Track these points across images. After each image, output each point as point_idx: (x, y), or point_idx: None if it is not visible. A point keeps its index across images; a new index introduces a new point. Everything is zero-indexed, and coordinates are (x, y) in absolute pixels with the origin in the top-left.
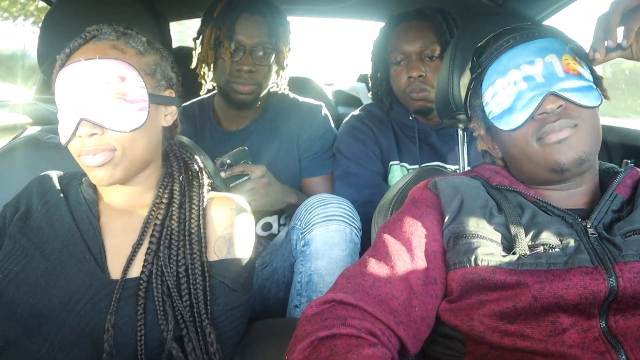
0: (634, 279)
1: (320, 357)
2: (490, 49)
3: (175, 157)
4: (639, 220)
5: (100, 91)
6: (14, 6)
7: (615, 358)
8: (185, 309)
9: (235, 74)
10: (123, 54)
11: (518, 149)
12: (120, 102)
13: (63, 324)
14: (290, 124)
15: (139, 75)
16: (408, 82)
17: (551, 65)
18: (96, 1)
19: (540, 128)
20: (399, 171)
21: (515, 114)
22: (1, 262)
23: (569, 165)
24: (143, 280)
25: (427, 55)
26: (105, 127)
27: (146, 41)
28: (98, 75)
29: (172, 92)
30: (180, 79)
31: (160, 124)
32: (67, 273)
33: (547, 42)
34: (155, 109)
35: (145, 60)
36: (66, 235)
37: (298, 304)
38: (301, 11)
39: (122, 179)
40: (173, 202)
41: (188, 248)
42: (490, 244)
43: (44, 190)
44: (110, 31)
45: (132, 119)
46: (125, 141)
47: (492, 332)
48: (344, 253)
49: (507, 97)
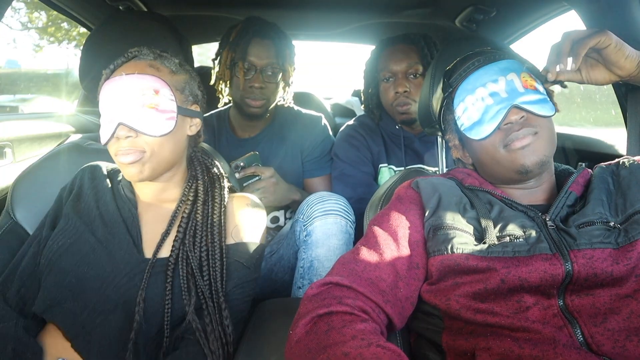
0: (586, 264)
1: (320, 331)
2: (458, 71)
3: (198, 162)
4: (590, 214)
5: (136, 101)
6: (59, 32)
7: (572, 331)
8: (205, 286)
9: (248, 90)
10: (158, 71)
11: (487, 155)
12: (152, 111)
13: (103, 293)
14: (295, 132)
15: (170, 90)
16: (395, 96)
17: (512, 82)
18: (129, 27)
19: (506, 136)
20: (387, 173)
21: (484, 125)
22: (57, 236)
23: (532, 167)
24: (171, 261)
25: (411, 74)
26: (138, 131)
27: (178, 63)
28: (136, 88)
29: (198, 107)
30: (205, 97)
31: (185, 132)
32: (110, 250)
33: (507, 63)
34: (182, 119)
35: (177, 78)
36: (110, 219)
37: (301, 285)
38: (304, 36)
39: (150, 177)
40: (198, 199)
41: (209, 237)
42: (464, 235)
43: (94, 176)
44: (149, 52)
45: (161, 126)
46: (154, 144)
47: (466, 310)
48: (340, 242)
49: (476, 111)
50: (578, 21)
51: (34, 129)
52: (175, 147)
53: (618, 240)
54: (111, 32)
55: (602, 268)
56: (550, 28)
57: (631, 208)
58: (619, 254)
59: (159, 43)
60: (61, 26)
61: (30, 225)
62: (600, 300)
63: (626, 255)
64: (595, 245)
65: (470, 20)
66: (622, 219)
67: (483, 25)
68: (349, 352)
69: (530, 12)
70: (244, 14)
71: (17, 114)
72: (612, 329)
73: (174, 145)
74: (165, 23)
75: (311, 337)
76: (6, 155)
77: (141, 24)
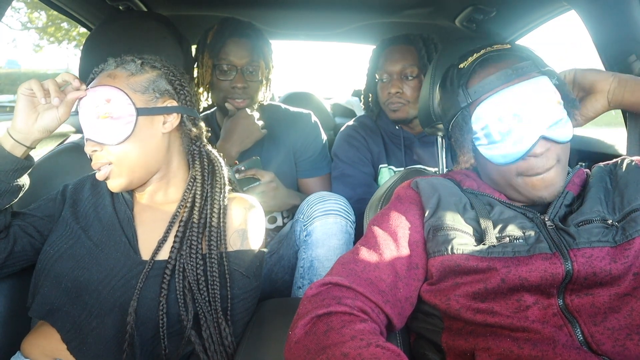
0: (586, 262)
1: (319, 332)
2: (479, 81)
3: (199, 157)
4: (588, 212)
5: (91, 114)
6: (59, 32)
7: (571, 331)
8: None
9: (231, 91)
10: (113, 79)
11: (502, 178)
12: (107, 120)
13: (99, 295)
14: (285, 132)
15: (125, 94)
16: (388, 96)
17: (541, 106)
18: (128, 27)
19: (527, 170)
20: (387, 173)
21: (504, 151)
22: (55, 241)
23: (549, 198)
24: (169, 263)
25: (406, 75)
26: (98, 143)
27: (140, 63)
28: (90, 102)
29: (173, 102)
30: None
31: (158, 131)
32: (106, 253)
33: (535, 82)
34: (147, 120)
35: (136, 80)
36: (107, 222)
37: (301, 285)
38: (304, 36)
39: (131, 185)
40: (195, 204)
41: (207, 239)
42: (464, 235)
43: (96, 181)
44: (112, 62)
45: (118, 133)
46: (117, 153)
47: (466, 309)
48: (340, 242)
49: (497, 133)
50: (578, 21)
51: None
52: (146, 149)
53: (616, 239)
54: (111, 32)
55: (600, 267)
56: (550, 28)
57: (628, 206)
58: (617, 252)
59: (159, 43)
60: (61, 26)
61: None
62: (599, 299)
63: (623, 253)
64: (594, 244)
65: (470, 20)
66: (619, 217)
67: (483, 25)
68: (348, 353)
69: (530, 12)
70: (243, 13)
71: None
72: (612, 327)
73: (143, 147)
74: (165, 23)
75: (310, 338)
76: None
77: (141, 24)
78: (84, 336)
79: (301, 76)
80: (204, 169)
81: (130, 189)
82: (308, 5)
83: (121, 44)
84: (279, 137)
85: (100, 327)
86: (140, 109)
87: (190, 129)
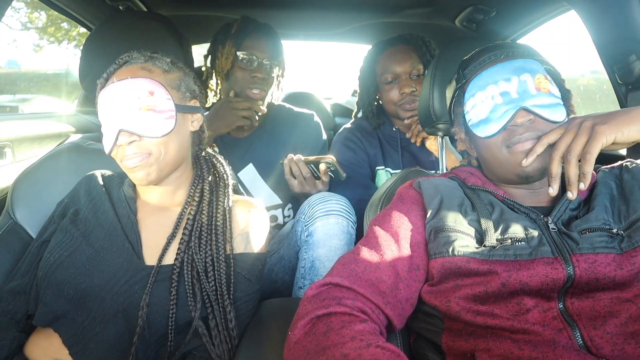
0: (588, 268)
1: (318, 333)
2: (473, 63)
3: (204, 160)
4: (594, 220)
5: (133, 105)
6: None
7: (571, 334)
8: (211, 291)
9: (250, 81)
10: (151, 73)
11: (490, 154)
12: (150, 112)
13: (102, 302)
14: (288, 131)
15: (165, 89)
16: (401, 97)
17: (525, 83)
18: (129, 27)
19: (509, 137)
20: (384, 175)
21: (490, 124)
22: (54, 249)
23: (532, 173)
24: (177, 266)
25: (414, 74)
26: (140, 135)
27: (170, 61)
28: (130, 92)
29: (197, 102)
30: (203, 91)
31: (188, 129)
32: (108, 258)
33: (523, 62)
34: (182, 117)
35: (171, 77)
36: (109, 227)
37: (302, 286)
38: (304, 36)
39: (157, 179)
40: (203, 200)
41: (214, 240)
42: (466, 237)
43: (89, 187)
44: (139, 56)
45: (162, 126)
46: (160, 145)
47: (466, 311)
48: (341, 242)
49: (484, 109)
50: (578, 21)
51: (34, 129)
52: (180, 145)
53: (622, 246)
54: (111, 32)
55: (604, 273)
56: (550, 28)
57: (634, 214)
58: (623, 259)
59: (159, 43)
60: (61, 26)
61: (30, 225)
62: (600, 303)
63: (630, 260)
64: (598, 250)
65: (470, 20)
66: (625, 226)
67: (483, 25)
68: (348, 354)
69: (530, 12)
70: (244, 13)
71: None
72: (611, 332)
73: (179, 143)
74: (165, 23)
75: (310, 339)
76: (6, 155)
77: (141, 24)
78: (87, 341)
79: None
80: (209, 169)
81: (154, 183)
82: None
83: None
84: (281, 136)
85: (103, 332)
86: (177, 105)
87: (204, 130)
